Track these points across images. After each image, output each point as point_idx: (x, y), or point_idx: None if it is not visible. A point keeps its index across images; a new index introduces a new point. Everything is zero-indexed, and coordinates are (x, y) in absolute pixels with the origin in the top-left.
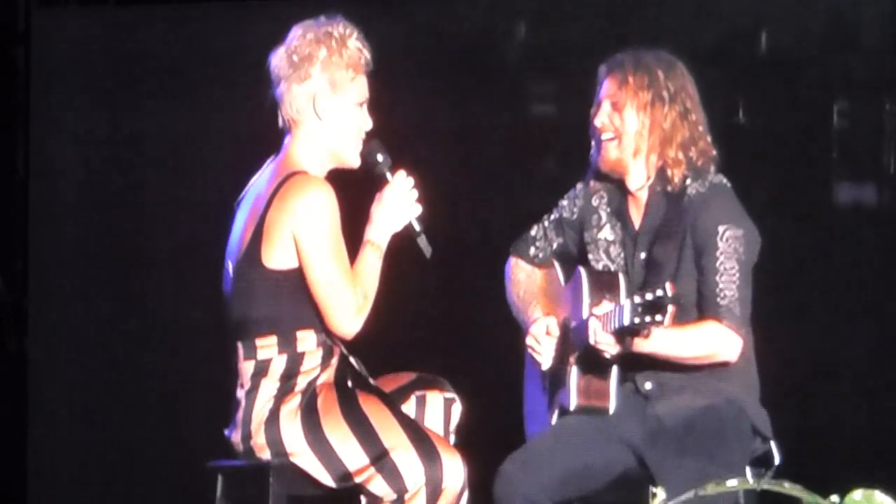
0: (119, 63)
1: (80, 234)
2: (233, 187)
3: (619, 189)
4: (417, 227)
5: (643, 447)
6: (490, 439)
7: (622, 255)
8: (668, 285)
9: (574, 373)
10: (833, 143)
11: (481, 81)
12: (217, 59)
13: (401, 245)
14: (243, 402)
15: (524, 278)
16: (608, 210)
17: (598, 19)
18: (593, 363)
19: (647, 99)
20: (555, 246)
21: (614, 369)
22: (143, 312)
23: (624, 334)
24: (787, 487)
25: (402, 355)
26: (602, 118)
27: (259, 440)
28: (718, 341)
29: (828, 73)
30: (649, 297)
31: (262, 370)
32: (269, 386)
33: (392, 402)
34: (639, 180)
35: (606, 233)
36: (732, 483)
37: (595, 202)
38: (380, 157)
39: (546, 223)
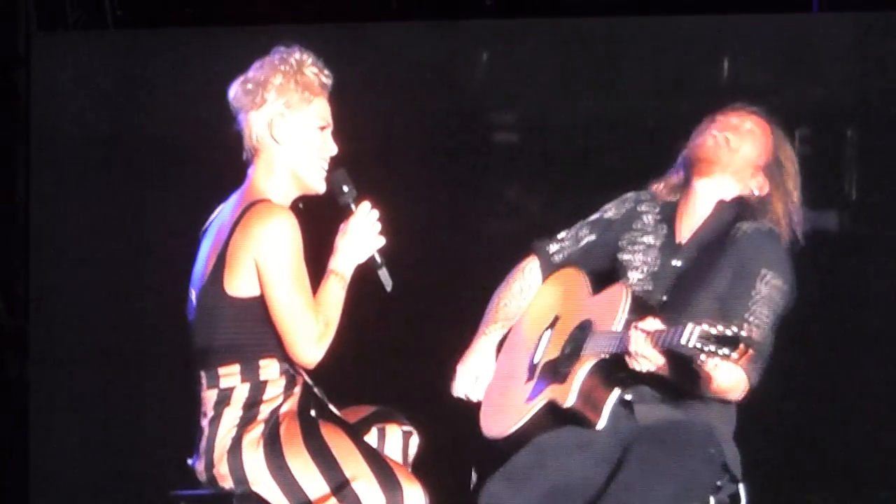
0: (119, 87)
1: (80, 258)
2: None
3: (672, 200)
4: (379, 260)
5: (618, 452)
6: (449, 470)
7: (658, 259)
8: (748, 327)
9: (582, 374)
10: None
11: (448, 109)
12: (218, 84)
13: (364, 276)
14: (206, 431)
15: (517, 291)
16: (657, 217)
17: (563, 46)
18: (605, 375)
19: (773, 165)
20: (582, 243)
21: (617, 390)
22: (145, 339)
23: (676, 356)
24: None
25: (363, 385)
26: (739, 122)
27: (222, 469)
28: (732, 381)
29: (789, 101)
30: (727, 331)
31: (224, 399)
32: (232, 415)
33: (354, 432)
34: (709, 192)
35: (649, 237)
36: None
37: (643, 208)
38: (345, 188)
39: (580, 224)
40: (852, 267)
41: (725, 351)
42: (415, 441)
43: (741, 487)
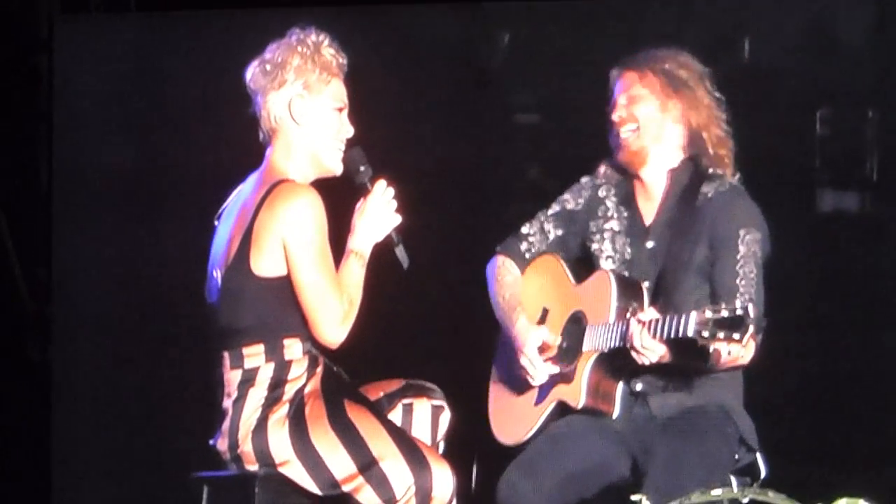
0: (142, 70)
1: (103, 242)
2: None
3: (627, 180)
4: (396, 238)
5: (634, 443)
6: (479, 447)
7: (628, 244)
8: (750, 306)
9: (587, 371)
10: (816, 151)
11: (464, 90)
12: (241, 67)
13: (381, 254)
14: (230, 411)
15: (511, 281)
16: (615, 200)
17: (579, 27)
18: (609, 367)
19: (674, 82)
20: (551, 238)
21: (623, 377)
22: (167, 321)
23: (680, 344)
24: (771, 496)
25: (388, 364)
26: (620, 112)
27: (246, 449)
28: (741, 352)
29: (810, 81)
30: (725, 313)
31: (249, 379)
32: (257, 395)
33: (379, 411)
34: (656, 169)
35: (613, 223)
36: (717, 493)
37: (602, 193)
38: (361, 168)
39: (543, 218)
40: (874, 248)
41: (732, 335)
42: (446, 416)
43: (759, 457)
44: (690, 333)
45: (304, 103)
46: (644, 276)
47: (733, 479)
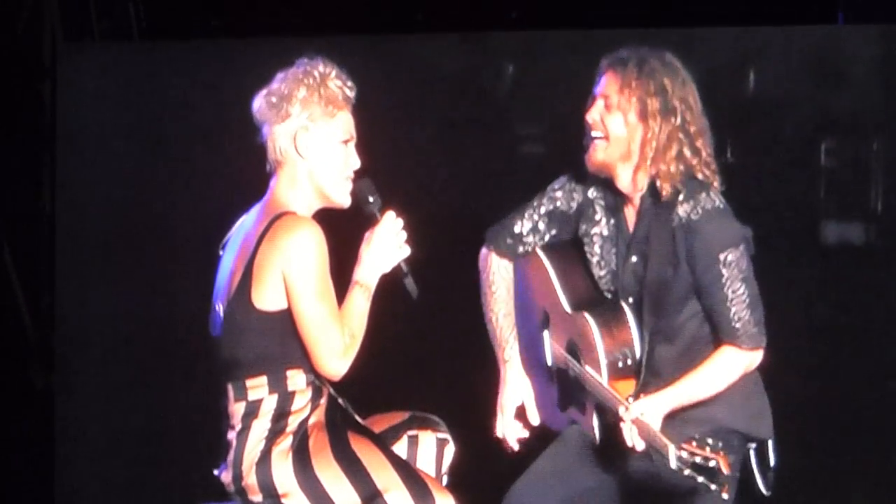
0: (145, 98)
1: (107, 269)
2: None
3: (612, 184)
4: (405, 269)
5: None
6: (483, 480)
7: (614, 253)
8: (720, 460)
9: (596, 411)
10: (821, 181)
11: (473, 120)
12: (244, 96)
13: (389, 286)
14: (234, 443)
15: (504, 295)
16: (603, 204)
17: (584, 56)
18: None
19: (646, 107)
20: (547, 238)
21: None
22: (171, 351)
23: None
24: None
25: (394, 396)
26: (594, 115)
27: (250, 481)
28: (741, 366)
29: (815, 112)
30: (699, 459)
31: (253, 411)
32: (261, 426)
33: (383, 442)
34: (627, 186)
35: (602, 228)
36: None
37: (591, 194)
38: (370, 198)
39: (536, 216)
40: (878, 278)
41: (707, 481)
42: (450, 449)
43: (770, 444)
44: (672, 466)
45: (309, 136)
46: (628, 290)
47: None
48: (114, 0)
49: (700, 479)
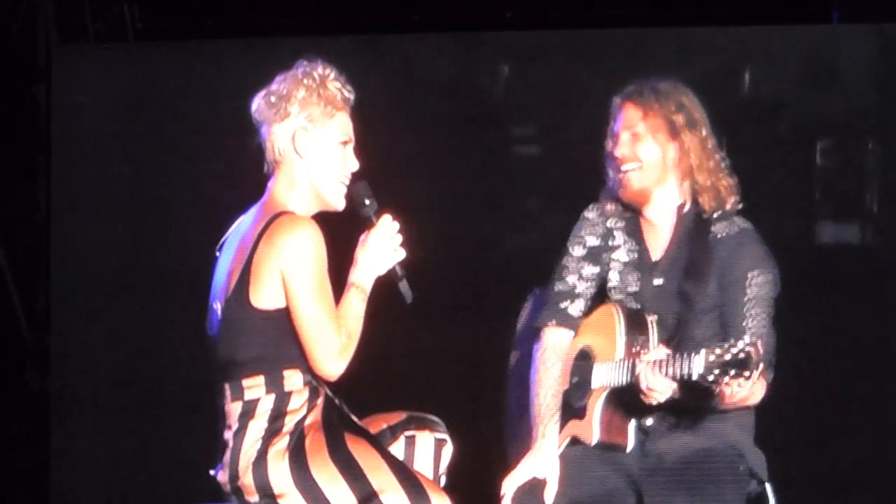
0: (140, 100)
1: (102, 271)
2: None
3: (632, 215)
4: (400, 272)
5: (641, 481)
6: (481, 481)
7: (637, 278)
8: (758, 343)
9: (599, 407)
10: (816, 182)
11: (469, 121)
12: (240, 97)
13: (384, 289)
14: (231, 443)
15: (557, 373)
16: (624, 232)
17: (580, 58)
18: (620, 402)
19: (674, 125)
20: (596, 279)
21: (636, 413)
22: (166, 352)
23: (688, 383)
24: None
25: (392, 396)
26: (623, 150)
27: (247, 481)
28: (750, 391)
29: (811, 112)
30: (729, 356)
31: (249, 411)
32: (258, 426)
33: (380, 443)
34: (661, 209)
35: (622, 254)
36: None
37: (610, 224)
38: (366, 201)
39: (574, 263)
40: (874, 279)
41: (739, 373)
42: (448, 450)
43: (768, 487)
44: (696, 376)
45: (308, 136)
46: (650, 311)
47: None
48: (109, 1)
49: (727, 377)
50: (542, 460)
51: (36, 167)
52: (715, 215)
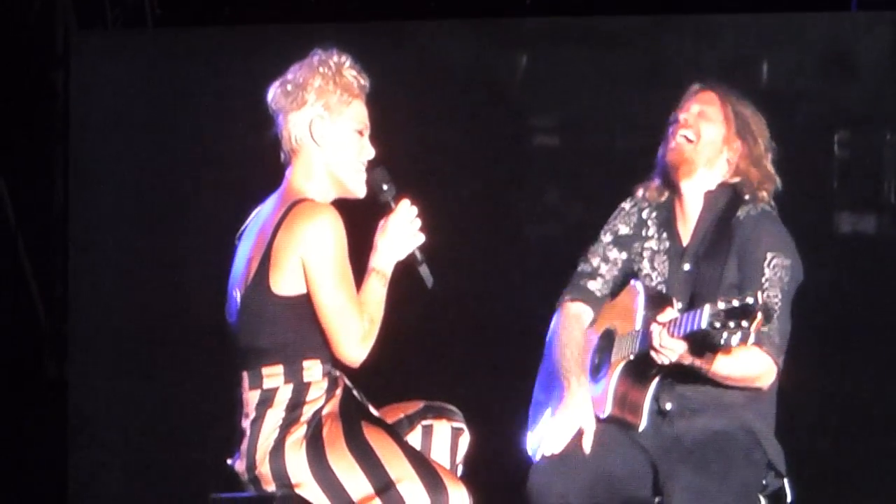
0: (159, 86)
1: (120, 259)
2: None
3: (665, 202)
4: (419, 257)
5: (659, 462)
6: (499, 470)
7: (666, 265)
8: (758, 294)
9: (614, 380)
10: (834, 173)
11: (487, 108)
12: (257, 83)
13: (404, 273)
14: (248, 432)
15: (579, 336)
16: (656, 222)
17: (597, 46)
18: (636, 375)
19: (748, 125)
20: (620, 263)
21: (651, 388)
22: (185, 340)
23: (697, 340)
24: None
25: (409, 385)
26: (688, 116)
27: (264, 470)
28: (758, 367)
29: (828, 103)
30: (736, 303)
31: (267, 400)
32: (275, 416)
33: (397, 433)
34: (696, 189)
35: (653, 243)
36: None
37: (645, 215)
38: (384, 186)
39: (602, 248)
40: (893, 269)
41: (738, 323)
42: (465, 439)
43: (786, 482)
44: (704, 325)
45: (325, 124)
46: (678, 297)
47: (762, 499)
48: None
49: (733, 323)
50: (576, 409)
51: (54, 153)
52: (743, 199)
